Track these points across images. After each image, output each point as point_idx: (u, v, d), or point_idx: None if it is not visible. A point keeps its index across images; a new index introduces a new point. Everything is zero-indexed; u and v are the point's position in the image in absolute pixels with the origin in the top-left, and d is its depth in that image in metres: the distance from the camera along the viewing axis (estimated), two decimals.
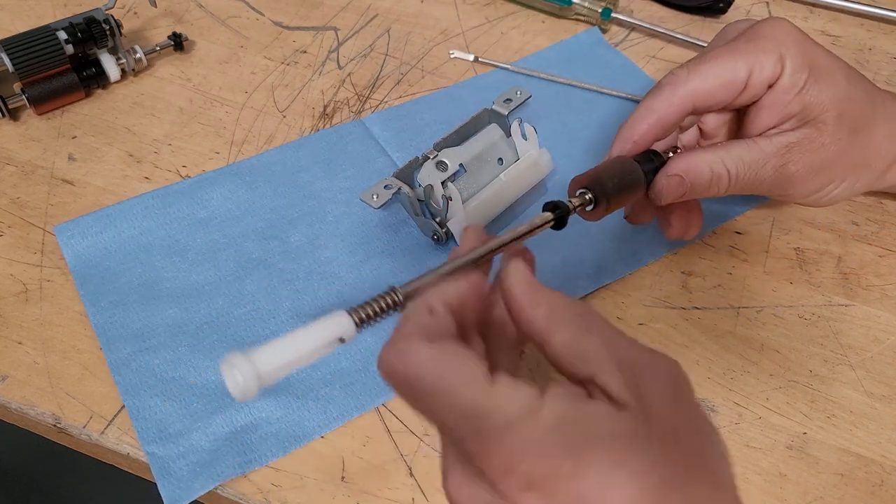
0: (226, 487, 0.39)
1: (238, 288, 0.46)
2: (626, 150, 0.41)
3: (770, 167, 0.40)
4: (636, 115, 0.41)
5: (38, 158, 0.53)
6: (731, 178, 0.40)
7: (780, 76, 0.39)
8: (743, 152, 0.40)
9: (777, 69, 0.39)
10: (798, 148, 0.40)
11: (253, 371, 0.25)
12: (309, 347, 0.27)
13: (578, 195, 0.37)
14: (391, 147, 0.54)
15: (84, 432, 0.40)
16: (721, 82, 0.40)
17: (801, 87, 0.39)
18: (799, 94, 0.40)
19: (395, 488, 0.39)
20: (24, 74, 0.52)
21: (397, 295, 0.29)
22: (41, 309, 0.45)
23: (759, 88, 0.40)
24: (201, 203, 0.50)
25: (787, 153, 0.40)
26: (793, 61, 0.39)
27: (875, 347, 0.44)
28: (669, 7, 0.66)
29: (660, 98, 0.40)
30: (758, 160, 0.40)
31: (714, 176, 0.40)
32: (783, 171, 0.40)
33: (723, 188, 0.41)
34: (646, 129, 0.40)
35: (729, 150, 0.40)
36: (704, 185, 0.40)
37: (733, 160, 0.40)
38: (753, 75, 0.39)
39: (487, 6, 0.65)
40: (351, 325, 0.28)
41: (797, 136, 0.40)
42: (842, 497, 0.39)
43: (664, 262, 0.48)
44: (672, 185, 0.40)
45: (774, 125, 0.41)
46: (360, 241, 0.48)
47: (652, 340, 0.44)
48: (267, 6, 0.65)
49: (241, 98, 0.57)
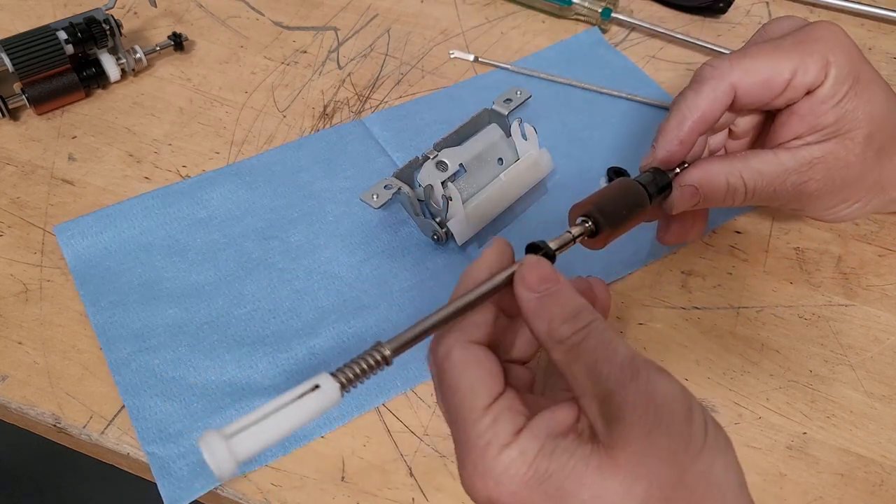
0: (226, 487, 0.39)
1: (238, 288, 0.46)
2: (672, 151, 0.39)
3: (790, 183, 0.39)
4: (679, 113, 0.39)
5: (38, 158, 0.53)
6: (747, 191, 0.39)
7: (822, 84, 0.38)
8: (763, 165, 0.39)
9: (821, 76, 0.37)
10: (821, 164, 0.38)
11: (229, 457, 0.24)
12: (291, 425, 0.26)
13: (579, 223, 0.35)
14: (391, 147, 0.54)
15: (84, 432, 0.40)
16: (763, 79, 0.38)
17: (841, 98, 0.38)
18: (836, 106, 0.38)
19: (395, 488, 0.39)
20: (24, 74, 0.52)
21: (383, 350, 0.28)
22: (41, 309, 0.45)
23: (798, 92, 0.38)
24: (201, 203, 0.50)
25: (808, 169, 0.38)
26: (838, 70, 0.37)
27: (875, 347, 0.44)
28: (669, 7, 0.66)
29: (702, 95, 0.38)
30: (778, 175, 0.38)
31: (730, 188, 0.39)
32: (802, 187, 0.39)
33: (738, 200, 0.39)
34: (691, 126, 0.38)
35: (748, 162, 0.39)
36: (720, 196, 0.39)
37: (751, 173, 0.38)
38: (796, 77, 0.37)
39: (487, 6, 0.65)
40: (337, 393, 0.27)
41: (822, 150, 0.38)
42: (842, 497, 0.39)
43: (664, 262, 0.48)
44: (685, 196, 0.39)
45: (802, 134, 0.39)
46: (360, 241, 0.48)
47: (652, 340, 0.44)
48: (267, 6, 0.65)
49: (241, 98, 0.57)
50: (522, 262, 0.30)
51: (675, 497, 0.25)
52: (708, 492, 0.25)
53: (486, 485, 0.26)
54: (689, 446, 0.26)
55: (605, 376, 0.27)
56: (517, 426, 0.27)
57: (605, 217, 0.34)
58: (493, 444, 0.27)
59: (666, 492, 0.25)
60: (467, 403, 0.28)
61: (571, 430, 0.28)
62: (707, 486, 0.26)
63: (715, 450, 0.26)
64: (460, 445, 0.28)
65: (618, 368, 0.27)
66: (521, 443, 0.27)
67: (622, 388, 0.26)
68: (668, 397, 0.26)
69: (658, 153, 0.39)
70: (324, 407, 0.27)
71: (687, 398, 0.27)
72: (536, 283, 0.29)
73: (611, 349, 0.27)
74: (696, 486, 0.25)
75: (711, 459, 0.26)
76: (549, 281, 0.29)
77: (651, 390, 0.26)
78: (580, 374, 0.27)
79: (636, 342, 0.44)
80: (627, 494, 0.25)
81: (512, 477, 0.26)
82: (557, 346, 0.28)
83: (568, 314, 0.28)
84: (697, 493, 0.25)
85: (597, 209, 0.34)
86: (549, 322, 0.28)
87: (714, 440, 0.26)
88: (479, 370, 0.28)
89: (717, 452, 0.26)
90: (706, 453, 0.26)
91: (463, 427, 0.28)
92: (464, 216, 0.46)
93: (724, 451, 0.27)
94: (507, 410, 0.27)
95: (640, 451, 0.25)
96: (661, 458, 0.25)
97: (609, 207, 0.35)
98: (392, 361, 0.28)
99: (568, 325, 0.28)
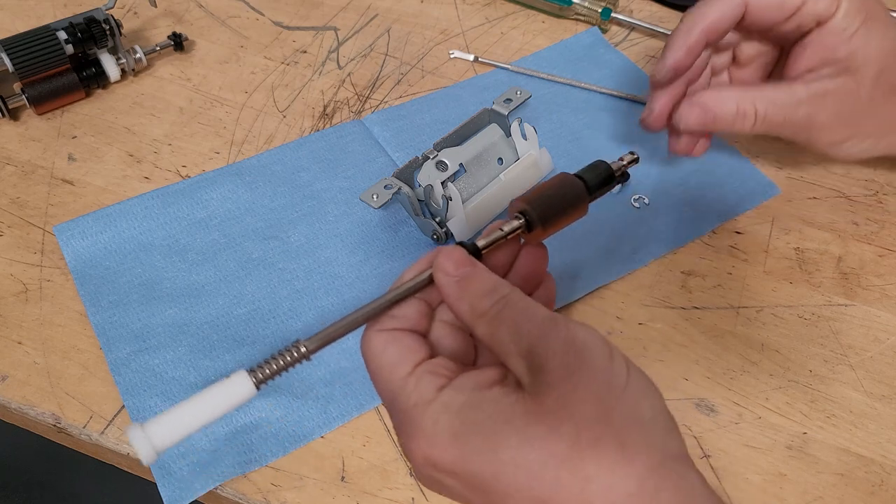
0: (226, 487, 0.39)
1: (238, 288, 0.46)
2: (678, 59, 0.40)
3: (801, 113, 0.39)
4: (689, 20, 0.39)
5: (38, 158, 0.53)
6: (758, 117, 0.39)
7: (833, 15, 0.38)
8: (775, 94, 0.39)
9: (832, 6, 0.38)
10: (833, 97, 0.39)
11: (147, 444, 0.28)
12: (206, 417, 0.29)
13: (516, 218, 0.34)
14: (391, 147, 0.54)
15: (84, 432, 0.40)
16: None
17: (853, 32, 0.38)
18: (848, 40, 0.38)
19: (395, 488, 0.39)
20: (24, 74, 0.52)
21: (300, 348, 0.30)
22: (41, 309, 0.45)
23: (808, 20, 0.38)
24: (201, 203, 0.50)
25: (820, 101, 0.39)
26: (850, 4, 0.38)
27: (875, 347, 0.44)
28: (669, 7, 0.66)
29: (714, 4, 0.39)
30: (790, 103, 0.39)
31: (740, 112, 0.39)
32: (813, 118, 0.39)
33: (748, 125, 0.40)
34: (698, 35, 0.39)
35: (762, 91, 0.40)
36: (729, 119, 0.39)
37: (764, 101, 0.39)
38: (807, 5, 0.38)
39: (487, 6, 0.65)
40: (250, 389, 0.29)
41: (834, 83, 0.39)
42: (842, 497, 0.39)
43: (664, 262, 0.48)
44: (694, 113, 0.39)
45: (814, 67, 0.40)
46: (360, 241, 0.48)
47: (652, 340, 0.44)
48: (267, 6, 0.65)
49: (241, 98, 0.57)
50: (438, 251, 0.31)
51: (604, 435, 0.25)
52: (636, 430, 0.26)
53: (419, 444, 0.27)
54: (612, 386, 0.27)
55: (527, 333, 0.28)
56: (440, 384, 0.28)
57: (538, 213, 0.34)
58: (419, 404, 0.28)
59: (594, 431, 0.25)
60: (392, 376, 0.29)
61: (497, 383, 0.28)
62: (634, 425, 0.26)
63: (638, 391, 0.27)
64: (396, 418, 0.29)
65: (538, 324, 0.28)
66: (445, 397, 0.27)
67: (544, 338, 0.27)
68: (587, 342, 0.27)
69: (667, 61, 0.40)
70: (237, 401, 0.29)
71: (607, 344, 0.28)
72: (452, 267, 0.30)
73: (530, 312, 0.28)
74: (623, 425, 0.26)
75: (636, 399, 0.27)
76: (464, 265, 0.30)
77: (570, 337, 0.27)
78: (504, 337, 0.28)
79: (636, 342, 0.44)
80: (556, 436, 0.25)
81: (441, 431, 0.27)
82: (480, 321, 0.29)
83: (486, 290, 0.29)
84: (624, 432, 0.26)
85: (530, 205, 0.34)
86: (469, 300, 0.29)
87: (637, 381, 0.27)
88: (396, 346, 0.30)
89: (642, 394, 0.27)
90: (630, 393, 0.27)
91: (394, 400, 0.29)
92: (464, 216, 0.46)
93: (649, 394, 0.27)
94: (429, 373, 0.28)
95: (564, 394, 0.26)
96: (585, 399, 0.26)
97: (543, 203, 0.34)
98: (311, 357, 0.30)
99: (487, 298, 0.29)
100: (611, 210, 0.50)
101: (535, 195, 0.34)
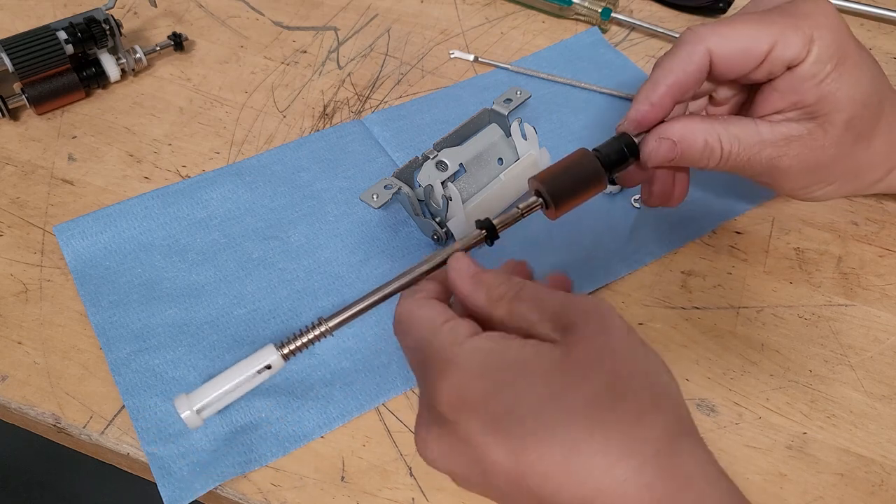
0: (226, 487, 0.39)
1: (238, 288, 0.46)
2: (642, 113, 0.38)
3: (765, 155, 0.39)
4: (654, 76, 0.38)
5: (38, 158, 0.53)
6: (723, 153, 0.39)
7: (803, 60, 0.37)
8: (742, 132, 0.38)
9: (802, 52, 0.37)
10: (798, 143, 0.38)
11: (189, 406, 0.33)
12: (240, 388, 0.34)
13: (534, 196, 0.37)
14: (391, 147, 0.54)
15: (84, 432, 0.40)
16: (740, 48, 0.37)
17: (823, 78, 0.37)
18: (818, 85, 0.37)
19: (395, 488, 0.39)
20: (24, 74, 0.52)
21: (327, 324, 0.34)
22: (41, 309, 0.45)
23: (777, 66, 0.37)
24: (201, 203, 0.50)
25: (785, 145, 0.38)
26: (821, 48, 0.36)
27: (875, 347, 0.44)
28: (669, 7, 0.66)
29: (677, 58, 0.38)
30: (754, 144, 0.38)
31: (707, 147, 0.38)
32: (777, 161, 0.39)
33: (713, 162, 0.39)
34: (664, 90, 0.38)
35: (727, 126, 0.39)
36: (696, 154, 0.38)
37: (729, 137, 0.38)
38: (776, 51, 0.37)
39: (487, 6, 0.65)
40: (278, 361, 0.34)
41: (800, 129, 0.38)
42: (842, 497, 0.39)
43: (664, 262, 0.48)
44: (662, 149, 0.38)
45: (782, 110, 0.39)
46: (360, 241, 0.48)
47: (652, 340, 0.44)
48: (267, 6, 0.65)
49: (241, 98, 0.57)
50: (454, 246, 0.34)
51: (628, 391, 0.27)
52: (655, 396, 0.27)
53: (451, 381, 0.28)
54: (635, 353, 0.28)
55: (550, 303, 0.29)
56: (473, 331, 0.29)
57: (553, 191, 0.36)
58: (455, 343, 0.29)
59: (618, 388, 0.27)
60: (430, 324, 0.30)
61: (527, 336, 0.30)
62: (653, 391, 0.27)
63: (657, 363, 0.29)
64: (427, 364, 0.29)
65: (559, 297, 0.29)
66: (477, 341, 0.29)
67: (569, 304, 0.29)
68: (609, 312, 0.29)
69: (630, 114, 0.39)
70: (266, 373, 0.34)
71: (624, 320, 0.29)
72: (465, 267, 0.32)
73: (548, 290, 0.30)
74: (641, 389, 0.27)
75: (656, 367, 0.28)
76: (475, 265, 0.32)
77: (594, 305, 0.29)
78: (526, 311, 0.30)
79: None
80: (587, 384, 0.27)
81: (474, 366, 0.28)
82: (499, 303, 0.30)
83: (501, 280, 0.31)
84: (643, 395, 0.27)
85: (545, 185, 0.36)
86: (485, 290, 0.31)
87: (655, 355, 0.29)
88: (431, 304, 0.31)
89: (660, 365, 0.29)
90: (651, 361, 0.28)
91: (428, 345, 0.30)
92: (464, 216, 0.46)
93: (665, 369, 0.29)
94: (462, 323, 0.30)
95: (596, 348, 0.27)
96: (612, 355, 0.27)
97: (558, 181, 0.36)
98: (334, 333, 0.34)
99: (504, 285, 0.31)
100: (611, 210, 0.50)
101: (550, 174, 0.36)
